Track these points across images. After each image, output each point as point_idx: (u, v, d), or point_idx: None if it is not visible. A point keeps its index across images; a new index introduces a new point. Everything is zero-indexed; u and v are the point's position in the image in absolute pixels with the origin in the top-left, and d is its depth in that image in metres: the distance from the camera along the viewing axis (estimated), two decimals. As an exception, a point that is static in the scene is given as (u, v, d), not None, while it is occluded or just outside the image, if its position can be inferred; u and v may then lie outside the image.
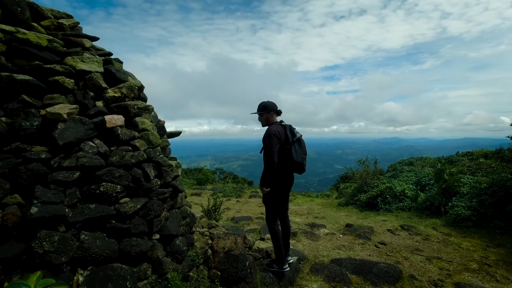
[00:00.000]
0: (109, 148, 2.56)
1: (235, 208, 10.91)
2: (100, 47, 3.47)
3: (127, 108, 2.75)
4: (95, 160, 2.35)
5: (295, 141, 3.50)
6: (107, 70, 2.84)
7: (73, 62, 2.66)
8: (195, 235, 4.04)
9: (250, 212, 9.86)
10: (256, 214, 9.23)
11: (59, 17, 3.22)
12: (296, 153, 3.44)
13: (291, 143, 3.44)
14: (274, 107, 3.50)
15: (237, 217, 8.40)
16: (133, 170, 2.63)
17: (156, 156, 2.93)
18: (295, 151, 3.45)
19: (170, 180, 3.18)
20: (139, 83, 3.15)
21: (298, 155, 3.46)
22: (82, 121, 2.44)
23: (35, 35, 2.48)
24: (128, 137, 2.67)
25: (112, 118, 2.59)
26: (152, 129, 3.01)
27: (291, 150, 3.41)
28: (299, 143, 3.58)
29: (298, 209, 10.56)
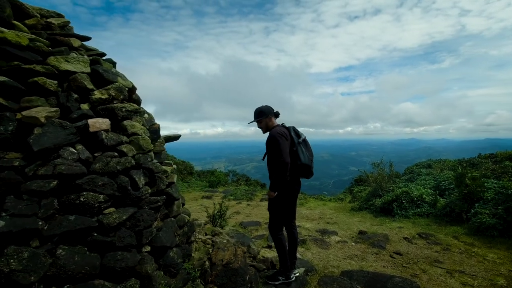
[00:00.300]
0: (92, 155, 2.36)
1: (245, 212, 10.66)
2: (93, 47, 3.30)
3: (114, 110, 2.55)
4: (74, 167, 2.15)
5: (300, 142, 3.23)
6: (94, 70, 2.66)
7: (56, 62, 2.48)
8: (195, 244, 3.81)
9: (260, 217, 9.58)
10: (266, 218, 8.95)
11: (48, 16, 3.07)
12: (303, 155, 3.16)
13: (296, 145, 3.17)
14: (271, 110, 3.26)
15: (245, 222, 8.15)
16: (119, 178, 2.42)
17: (146, 162, 2.72)
18: (302, 152, 3.17)
19: (164, 187, 2.96)
20: (130, 84, 2.95)
21: (306, 156, 3.18)
22: (63, 125, 2.25)
23: (15, 33, 2.32)
24: (114, 142, 2.47)
25: (96, 121, 2.39)
26: (143, 133, 2.81)
27: (298, 152, 3.14)
28: (305, 144, 3.31)
29: (309, 213, 10.19)
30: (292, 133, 3.21)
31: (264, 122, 3.23)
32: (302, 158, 3.14)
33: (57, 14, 3.18)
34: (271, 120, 3.25)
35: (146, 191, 2.62)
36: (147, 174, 2.76)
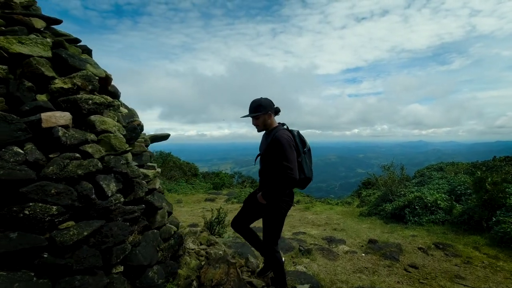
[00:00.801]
0: (46, 156, 1.92)
1: (248, 215, 10.18)
2: (65, 32, 2.87)
3: (77, 103, 2.11)
4: (18, 172, 1.71)
5: (306, 152, 2.75)
6: (57, 55, 2.22)
7: (7, 43, 2.05)
8: (186, 257, 3.35)
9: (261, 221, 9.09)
10: (269, 223, 8.47)
11: (11, -5, 2.66)
12: (307, 168, 2.73)
13: (302, 155, 2.70)
14: (272, 105, 2.74)
15: (247, 228, 7.67)
16: (80, 184, 1.97)
17: (119, 165, 2.27)
18: (306, 164, 2.72)
19: (142, 194, 2.51)
20: (103, 73, 2.51)
21: (309, 169, 2.75)
22: (7, 120, 1.82)
23: (-47, 8, 1.91)
24: (76, 141, 2.03)
25: (52, 115, 1.95)
26: (117, 130, 2.36)
27: (302, 164, 2.68)
28: (309, 154, 2.84)
29: (315, 218, 9.66)
30: (298, 140, 2.73)
31: (262, 118, 2.72)
32: (307, 171, 2.71)
33: (23, -7, 2.76)
34: (270, 117, 2.75)
35: (117, 200, 2.17)
36: (121, 180, 2.31)
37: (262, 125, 2.75)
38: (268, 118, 2.75)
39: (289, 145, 2.53)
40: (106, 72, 2.62)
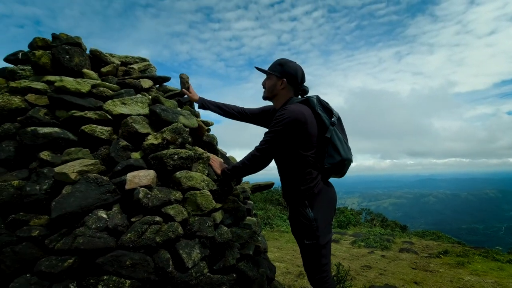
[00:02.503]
0: (128, 220, 1.79)
1: (378, 266, 8.46)
2: (173, 88, 3.02)
3: (162, 159, 1.97)
4: (96, 240, 1.61)
5: (335, 123, 1.80)
6: (152, 111, 2.22)
7: (112, 106, 2.17)
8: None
9: (398, 277, 7.29)
10: (408, 281, 6.66)
11: (132, 63, 3.00)
12: (342, 145, 1.79)
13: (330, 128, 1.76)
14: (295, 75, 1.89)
15: (377, 286, 6.24)
16: (158, 254, 1.74)
17: (204, 228, 1.97)
18: (340, 140, 1.78)
19: (233, 262, 2.12)
20: (195, 123, 2.38)
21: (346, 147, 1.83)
22: (98, 182, 1.80)
23: (75, 81, 2.15)
24: (158, 202, 1.85)
25: (136, 175, 1.85)
26: (205, 186, 2.12)
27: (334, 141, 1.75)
28: (341, 125, 1.88)
29: (476, 282, 7.06)
30: (319, 109, 1.80)
31: (272, 82, 1.92)
32: (342, 150, 1.75)
33: (141, 59, 3.09)
34: (284, 87, 1.91)
35: (199, 272, 1.84)
36: (207, 245, 2.00)
37: (269, 91, 1.95)
38: (280, 87, 1.90)
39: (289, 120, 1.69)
40: (201, 121, 2.51)
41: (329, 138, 1.75)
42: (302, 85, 1.94)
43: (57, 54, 2.27)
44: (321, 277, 1.78)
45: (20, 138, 1.94)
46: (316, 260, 1.78)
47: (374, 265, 8.43)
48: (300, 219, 1.78)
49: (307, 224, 1.74)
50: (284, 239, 9.58)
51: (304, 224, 1.76)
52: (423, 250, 9.19)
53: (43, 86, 2.19)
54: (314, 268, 1.80)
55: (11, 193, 1.75)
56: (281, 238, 9.54)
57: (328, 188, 1.87)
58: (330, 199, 1.86)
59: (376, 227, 16.66)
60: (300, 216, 1.77)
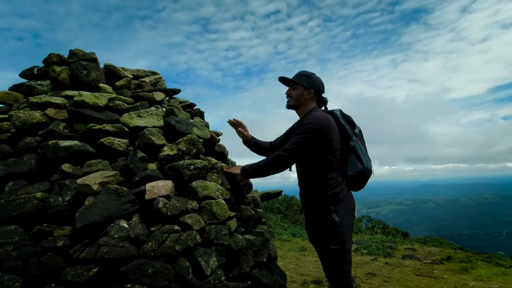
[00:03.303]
0: (148, 230, 1.85)
1: (382, 273, 8.42)
2: (183, 99, 3.11)
3: (179, 169, 2.04)
4: (119, 249, 1.66)
5: (358, 134, 1.93)
6: (167, 123, 2.30)
7: (128, 118, 2.25)
8: None
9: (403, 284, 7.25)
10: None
11: (143, 76, 3.09)
12: (364, 155, 1.91)
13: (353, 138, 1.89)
14: (320, 86, 2.02)
15: (381, 294, 6.22)
16: (178, 262, 1.80)
17: (220, 236, 2.03)
18: (362, 151, 1.90)
19: (248, 269, 2.17)
20: (208, 135, 2.46)
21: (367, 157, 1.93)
22: (118, 193, 1.87)
23: (92, 95, 2.23)
24: (176, 211, 1.92)
25: (156, 185, 1.92)
26: (219, 195, 2.18)
27: (357, 151, 1.87)
28: (362, 137, 2.01)
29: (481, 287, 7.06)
30: (342, 120, 1.91)
31: (300, 92, 1.99)
32: (364, 160, 1.86)
33: (152, 72, 3.19)
34: (310, 97, 2.00)
35: (217, 280, 1.89)
36: (223, 253, 2.05)
37: (295, 100, 2.01)
38: (307, 96, 1.98)
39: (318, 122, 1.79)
40: (212, 132, 2.59)
41: (352, 147, 1.86)
42: (322, 97, 2.06)
43: (75, 70, 2.36)
44: (345, 282, 1.82)
45: (42, 151, 2.01)
46: (341, 266, 1.80)
47: (378, 272, 8.41)
48: (326, 224, 1.79)
49: (333, 229, 1.77)
50: (286, 248, 9.55)
51: (330, 229, 1.78)
52: (426, 257, 9.19)
53: (62, 101, 2.27)
54: (339, 273, 1.81)
55: (34, 204, 1.82)
56: (283, 247, 9.51)
57: (351, 194, 1.94)
58: (352, 205, 1.91)
59: (377, 234, 16.58)
60: (326, 221, 1.79)
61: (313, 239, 1.99)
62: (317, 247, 1.94)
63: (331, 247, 1.78)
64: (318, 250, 1.94)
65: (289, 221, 16.73)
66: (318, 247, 1.92)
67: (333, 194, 1.80)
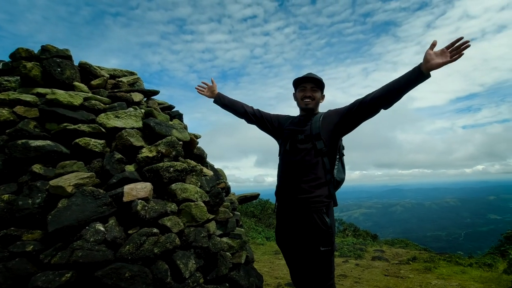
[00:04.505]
0: (125, 232, 1.81)
1: (353, 275, 8.67)
2: (162, 101, 3.07)
3: (159, 172, 2.02)
4: (95, 253, 1.61)
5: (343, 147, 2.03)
6: (146, 124, 2.26)
7: (105, 119, 2.19)
8: None
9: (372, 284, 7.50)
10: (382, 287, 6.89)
11: (121, 76, 3.02)
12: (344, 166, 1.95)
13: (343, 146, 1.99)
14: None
15: (352, 294, 6.41)
16: (156, 265, 1.77)
17: (200, 239, 2.02)
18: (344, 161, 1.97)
19: (226, 271, 2.18)
20: (188, 137, 2.45)
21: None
22: (94, 195, 1.81)
23: (67, 94, 2.15)
24: (155, 214, 1.89)
25: (134, 188, 1.88)
26: (198, 198, 2.18)
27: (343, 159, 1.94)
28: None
29: (442, 285, 7.46)
30: None
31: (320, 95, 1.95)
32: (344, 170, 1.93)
33: (129, 72, 3.12)
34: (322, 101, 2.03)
35: (195, 282, 1.88)
36: (202, 255, 2.05)
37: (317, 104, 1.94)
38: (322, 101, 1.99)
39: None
40: (192, 135, 2.58)
41: (343, 154, 1.91)
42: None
43: (48, 67, 2.25)
44: (331, 284, 1.82)
45: (9, 151, 1.90)
46: (328, 267, 1.79)
47: (349, 273, 8.67)
48: (318, 225, 1.75)
49: (325, 231, 1.75)
50: (260, 251, 9.56)
51: (322, 230, 1.75)
52: (394, 258, 9.61)
53: (33, 99, 2.16)
54: (326, 275, 1.80)
55: (1, 207, 1.71)
56: (257, 251, 9.52)
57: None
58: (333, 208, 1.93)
59: (348, 236, 17.06)
60: (320, 223, 1.75)
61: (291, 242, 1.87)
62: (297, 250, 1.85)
63: (321, 249, 1.74)
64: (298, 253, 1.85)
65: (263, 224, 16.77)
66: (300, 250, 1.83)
67: (329, 195, 1.81)
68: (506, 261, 10.25)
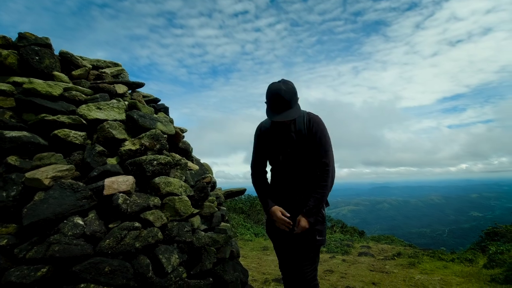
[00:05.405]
0: (106, 226, 1.76)
1: (340, 270, 8.79)
2: (147, 94, 3.00)
3: (141, 165, 1.97)
4: (73, 247, 1.56)
5: None
6: (129, 117, 2.20)
7: (87, 110, 2.12)
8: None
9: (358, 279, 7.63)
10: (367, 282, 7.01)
11: (104, 67, 2.93)
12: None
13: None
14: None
15: (338, 289, 6.50)
16: (137, 259, 1.73)
17: (183, 233, 1.99)
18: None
19: (210, 266, 2.15)
20: (173, 130, 2.41)
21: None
22: (73, 188, 1.75)
23: (46, 84, 2.07)
24: (137, 208, 1.85)
25: (115, 181, 1.83)
26: (183, 192, 2.14)
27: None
28: None
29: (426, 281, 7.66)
30: None
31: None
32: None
33: (114, 64, 3.04)
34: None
35: (178, 277, 1.85)
36: (185, 250, 2.02)
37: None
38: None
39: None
40: (177, 128, 2.53)
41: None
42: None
43: (26, 55, 2.16)
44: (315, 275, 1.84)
45: (-17, 142, 1.81)
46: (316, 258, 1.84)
47: (336, 269, 8.79)
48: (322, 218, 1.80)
49: (322, 222, 1.80)
50: (248, 247, 9.59)
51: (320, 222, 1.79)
52: (379, 253, 9.79)
53: (9, 88, 2.07)
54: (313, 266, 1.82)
55: (-27, 200, 1.64)
56: (245, 247, 9.54)
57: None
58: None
59: (336, 233, 17.29)
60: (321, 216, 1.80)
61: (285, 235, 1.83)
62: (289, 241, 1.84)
63: (317, 238, 1.78)
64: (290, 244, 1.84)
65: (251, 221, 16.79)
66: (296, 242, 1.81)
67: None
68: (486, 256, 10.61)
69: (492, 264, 9.51)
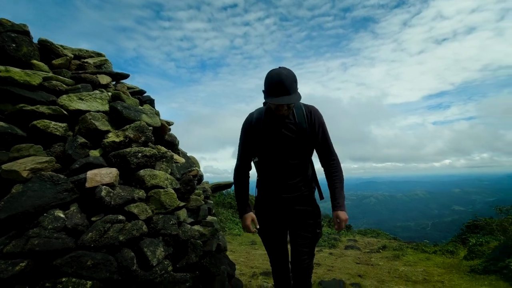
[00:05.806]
0: (88, 220, 1.72)
1: (327, 263, 8.93)
2: (132, 85, 2.93)
3: (125, 157, 1.92)
4: (53, 241, 1.51)
5: None
6: (113, 108, 2.14)
7: (68, 101, 2.05)
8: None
9: (344, 272, 7.78)
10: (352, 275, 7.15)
11: (86, 57, 2.84)
12: None
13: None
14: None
15: (325, 281, 6.59)
16: (121, 252, 1.70)
17: (168, 226, 1.96)
18: None
19: (196, 259, 2.14)
20: (159, 123, 2.36)
21: None
22: (53, 180, 1.69)
23: (23, 72, 1.98)
24: (121, 201, 1.80)
25: (98, 173, 1.78)
26: (168, 185, 2.11)
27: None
28: None
29: (409, 271, 7.87)
30: None
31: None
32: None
33: (97, 54, 2.94)
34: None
35: (163, 270, 1.83)
36: (171, 243, 1.99)
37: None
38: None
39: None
40: (163, 121, 2.49)
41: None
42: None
43: (1, 42, 2.06)
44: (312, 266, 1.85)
45: (-44, 133, 1.73)
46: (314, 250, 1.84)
47: (323, 262, 8.93)
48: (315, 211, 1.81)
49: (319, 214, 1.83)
50: (236, 242, 9.62)
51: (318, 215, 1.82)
52: (366, 247, 9.99)
53: (-16, 76, 1.98)
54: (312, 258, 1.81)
55: None
56: (233, 241, 9.56)
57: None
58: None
59: (323, 227, 17.52)
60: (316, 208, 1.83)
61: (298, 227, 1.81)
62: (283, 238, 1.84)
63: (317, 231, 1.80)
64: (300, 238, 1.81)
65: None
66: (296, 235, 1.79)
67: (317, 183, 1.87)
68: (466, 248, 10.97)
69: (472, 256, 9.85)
